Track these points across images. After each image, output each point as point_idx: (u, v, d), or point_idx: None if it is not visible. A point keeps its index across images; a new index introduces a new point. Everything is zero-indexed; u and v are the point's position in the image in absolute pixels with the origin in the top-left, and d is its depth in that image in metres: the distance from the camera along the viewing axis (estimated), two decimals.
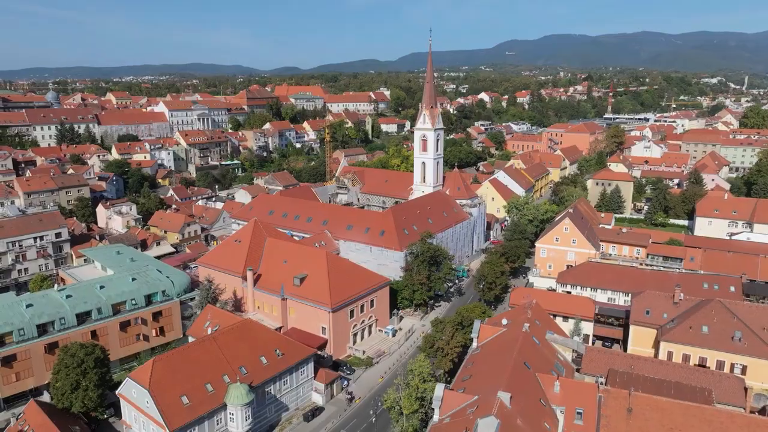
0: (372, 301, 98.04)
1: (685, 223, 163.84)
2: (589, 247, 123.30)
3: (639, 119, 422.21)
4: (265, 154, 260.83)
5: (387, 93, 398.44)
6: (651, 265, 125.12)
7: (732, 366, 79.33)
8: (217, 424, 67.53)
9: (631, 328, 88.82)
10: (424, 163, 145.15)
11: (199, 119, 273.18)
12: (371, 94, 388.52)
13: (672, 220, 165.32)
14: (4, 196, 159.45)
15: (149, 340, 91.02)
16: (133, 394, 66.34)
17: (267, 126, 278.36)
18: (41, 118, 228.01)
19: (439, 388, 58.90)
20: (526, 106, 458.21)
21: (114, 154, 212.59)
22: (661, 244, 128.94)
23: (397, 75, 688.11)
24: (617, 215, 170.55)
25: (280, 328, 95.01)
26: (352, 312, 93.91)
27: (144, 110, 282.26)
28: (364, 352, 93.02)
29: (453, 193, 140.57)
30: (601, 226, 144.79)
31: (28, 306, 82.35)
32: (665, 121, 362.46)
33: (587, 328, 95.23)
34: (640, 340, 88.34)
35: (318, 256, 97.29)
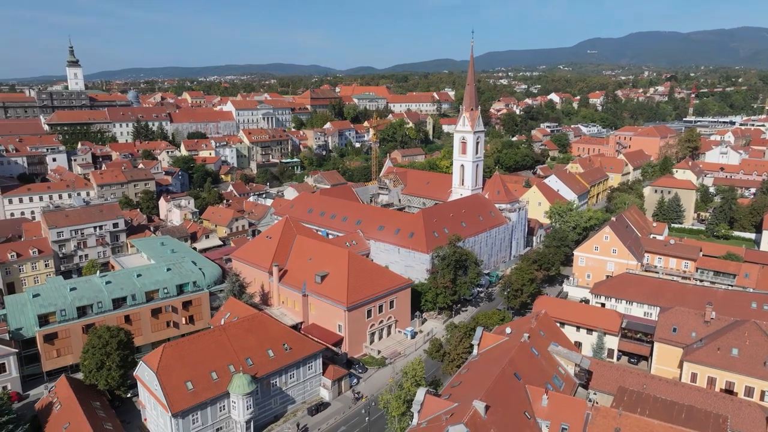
0: (392, 301, 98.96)
1: (753, 236, 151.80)
2: (630, 257, 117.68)
3: (723, 122, 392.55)
4: (324, 152, 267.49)
5: (452, 93, 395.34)
6: (701, 280, 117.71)
7: (762, 393, 73.62)
8: (221, 411, 71.27)
9: (655, 345, 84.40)
10: (462, 165, 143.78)
11: (263, 118, 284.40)
12: (434, 94, 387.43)
13: (737, 233, 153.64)
14: (81, 187, 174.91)
15: (179, 327, 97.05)
16: (146, 376, 71.46)
17: (327, 125, 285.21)
18: (120, 116, 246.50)
19: (421, 393, 59.14)
20: (599, 108, 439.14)
21: (182, 151, 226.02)
22: (712, 258, 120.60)
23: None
24: (676, 225, 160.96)
25: (301, 323, 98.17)
26: (369, 312, 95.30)
27: (214, 109, 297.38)
28: (379, 352, 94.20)
29: (492, 197, 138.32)
30: (651, 236, 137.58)
31: (71, 289, 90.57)
32: (752, 125, 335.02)
33: (612, 342, 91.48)
34: (664, 358, 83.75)
35: (341, 255, 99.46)
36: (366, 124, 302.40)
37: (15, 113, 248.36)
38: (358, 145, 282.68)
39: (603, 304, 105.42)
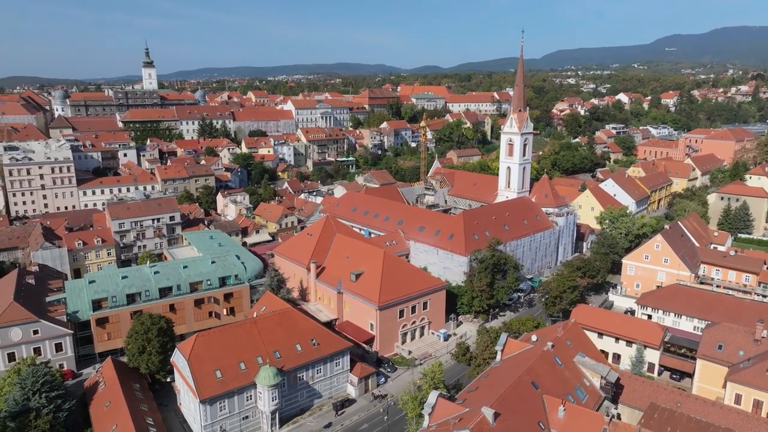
0: (425, 303, 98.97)
1: None
2: (683, 268, 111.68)
3: None
4: (379, 152, 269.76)
5: (512, 92, 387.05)
6: (763, 295, 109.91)
7: None
8: (247, 400, 74.13)
9: (698, 362, 79.72)
10: (509, 167, 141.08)
11: (322, 117, 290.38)
12: (495, 94, 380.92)
13: None
14: (146, 181, 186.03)
15: (220, 318, 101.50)
16: (180, 363, 75.46)
17: (384, 125, 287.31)
18: (187, 114, 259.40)
19: (433, 396, 59.13)
20: (672, 108, 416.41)
21: (243, 148, 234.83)
22: None
23: (534, 74, 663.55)
24: (743, 235, 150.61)
25: (336, 320, 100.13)
26: (401, 312, 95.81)
27: (276, 108, 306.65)
28: (410, 352, 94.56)
29: (539, 201, 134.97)
30: (711, 246, 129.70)
31: (123, 277, 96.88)
32: None
33: (652, 356, 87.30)
34: (708, 377, 79.02)
35: (376, 255, 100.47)
36: (425, 123, 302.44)
37: (95, 111, 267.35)
38: (413, 144, 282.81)
39: (649, 316, 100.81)
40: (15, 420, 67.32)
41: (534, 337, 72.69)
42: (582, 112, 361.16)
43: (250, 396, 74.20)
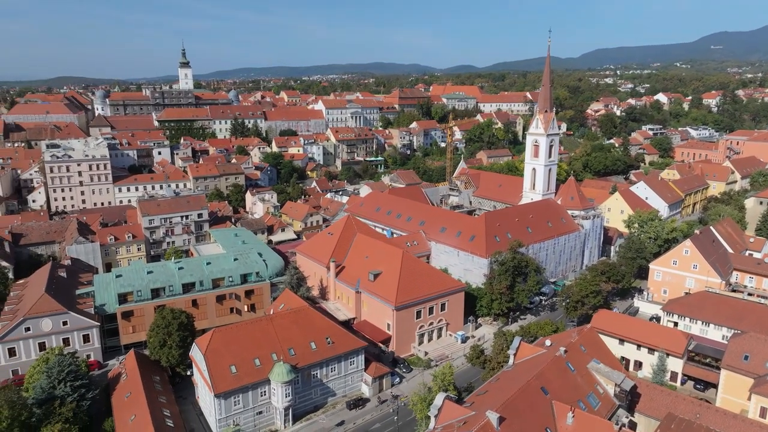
0: (443, 304, 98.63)
1: None
2: (713, 274, 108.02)
3: None
4: (408, 152, 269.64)
5: None
6: None
7: None
8: (261, 396, 75.44)
9: (722, 372, 77.06)
10: (534, 169, 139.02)
11: (352, 117, 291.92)
12: (527, 93, 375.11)
13: None
14: (178, 178, 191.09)
15: (241, 314, 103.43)
16: (197, 357, 77.34)
17: (413, 125, 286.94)
18: (220, 113, 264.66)
19: (439, 398, 59.04)
20: (714, 109, 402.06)
21: (273, 147, 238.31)
22: None
23: (570, 73, 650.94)
24: None
25: (354, 319, 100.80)
26: (419, 312, 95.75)
27: (307, 108, 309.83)
28: (426, 353, 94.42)
29: (565, 203, 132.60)
30: (746, 252, 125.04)
31: (148, 272, 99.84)
32: None
33: (675, 364, 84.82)
34: (733, 388, 76.36)
35: (395, 255, 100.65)
36: (452, 123, 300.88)
37: (132, 110, 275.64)
38: (443, 144, 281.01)
39: (675, 324, 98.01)
40: (41, 407, 70.46)
41: (548, 342, 71.65)
42: (618, 113, 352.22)
43: (264, 392, 75.49)
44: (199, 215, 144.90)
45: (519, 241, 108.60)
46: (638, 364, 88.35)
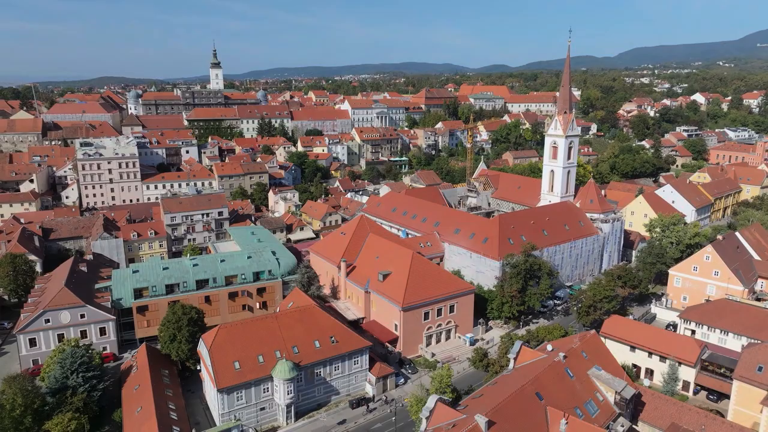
0: (452, 306, 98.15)
1: None
2: (734, 281, 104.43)
3: None
4: (433, 152, 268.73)
5: (577, 93, 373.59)
6: None
7: None
8: (264, 392, 76.62)
9: (735, 383, 74.42)
10: (552, 171, 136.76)
11: (377, 117, 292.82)
12: (557, 94, 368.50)
13: None
14: (204, 177, 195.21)
15: (253, 311, 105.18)
16: (203, 352, 79.10)
17: (439, 125, 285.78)
18: (248, 113, 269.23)
19: (431, 400, 58.94)
20: (756, 110, 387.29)
21: (298, 147, 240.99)
22: None
23: (605, 73, 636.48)
24: None
25: (363, 318, 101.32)
26: (427, 314, 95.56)
27: (333, 108, 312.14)
28: (433, 354, 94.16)
29: (584, 206, 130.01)
30: None
31: (164, 269, 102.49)
32: None
33: (687, 373, 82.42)
34: (745, 400, 73.68)
35: (404, 255, 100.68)
36: (472, 124, 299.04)
37: (164, 110, 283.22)
38: (468, 145, 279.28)
39: (693, 332, 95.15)
40: (55, 396, 73.42)
41: (549, 347, 70.62)
42: (651, 114, 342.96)
43: (267, 388, 76.65)
44: (220, 213, 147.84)
45: (532, 243, 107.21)
46: (649, 372, 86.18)
